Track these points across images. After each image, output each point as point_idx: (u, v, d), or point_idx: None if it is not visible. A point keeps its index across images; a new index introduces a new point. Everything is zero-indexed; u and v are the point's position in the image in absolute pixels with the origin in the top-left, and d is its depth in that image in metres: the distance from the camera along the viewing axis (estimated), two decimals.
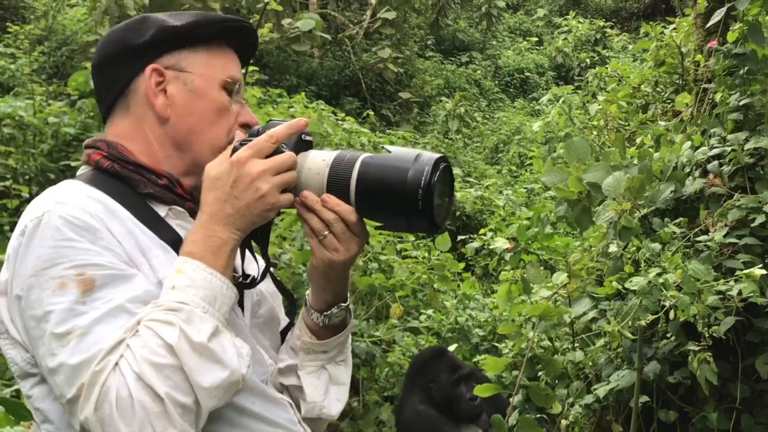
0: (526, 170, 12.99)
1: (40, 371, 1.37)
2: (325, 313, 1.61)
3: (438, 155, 1.42)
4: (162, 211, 1.49)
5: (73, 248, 1.33)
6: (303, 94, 9.63)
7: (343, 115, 9.21)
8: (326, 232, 1.45)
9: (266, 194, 1.39)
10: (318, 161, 1.44)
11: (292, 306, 1.65)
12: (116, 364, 1.26)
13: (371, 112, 13.13)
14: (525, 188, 11.42)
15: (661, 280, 2.61)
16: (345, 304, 1.62)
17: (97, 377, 1.25)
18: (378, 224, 1.47)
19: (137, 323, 1.29)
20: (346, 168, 1.42)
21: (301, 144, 1.46)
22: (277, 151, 1.41)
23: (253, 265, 1.57)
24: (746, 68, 3.31)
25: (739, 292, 2.62)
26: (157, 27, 1.53)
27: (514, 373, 3.99)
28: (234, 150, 1.41)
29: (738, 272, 2.69)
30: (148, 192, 1.50)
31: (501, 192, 10.99)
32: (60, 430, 1.40)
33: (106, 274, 1.32)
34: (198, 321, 1.30)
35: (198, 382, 1.27)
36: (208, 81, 1.55)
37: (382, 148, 1.50)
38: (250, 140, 1.42)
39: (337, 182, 1.42)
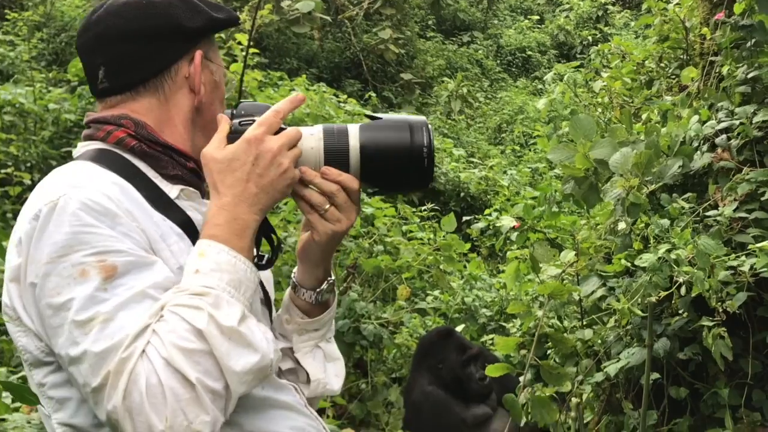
0: (529, 150, 12.94)
1: (58, 360, 1.33)
2: (318, 289, 1.61)
3: (422, 117, 1.53)
4: (173, 192, 1.47)
5: (93, 234, 1.29)
6: (304, 76, 9.59)
7: (345, 97, 9.18)
8: (327, 206, 1.45)
9: (287, 169, 1.39)
10: (307, 136, 1.46)
11: (267, 298, 1.63)
12: (143, 350, 1.23)
13: (373, 94, 13.08)
14: (529, 168, 11.39)
15: (673, 256, 2.58)
16: (332, 279, 1.64)
17: (124, 364, 1.22)
18: (375, 189, 1.55)
19: (161, 309, 1.27)
20: (340, 138, 1.46)
21: None
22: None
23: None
24: (754, 40, 3.26)
25: (751, 267, 2.60)
26: (208, 16, 1.53)
27: (522, 352, 3.97)
28: (235, 131, 1.41)
29: (750, 246, 2.66)
30: (175, 174, 1.47)
31: (505, 172, 10.95)
32: (75, 418, 1.36)
33: (128, 261, 1.29)
34: (226, 305, 1.28)
35: (230, 366, 1.25)
36: (221, 72, 1.58)
37: (366, 116, 1.55)
38: (252, 119, 1.42)
39: (334, 153, 1.45)
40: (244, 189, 1.36)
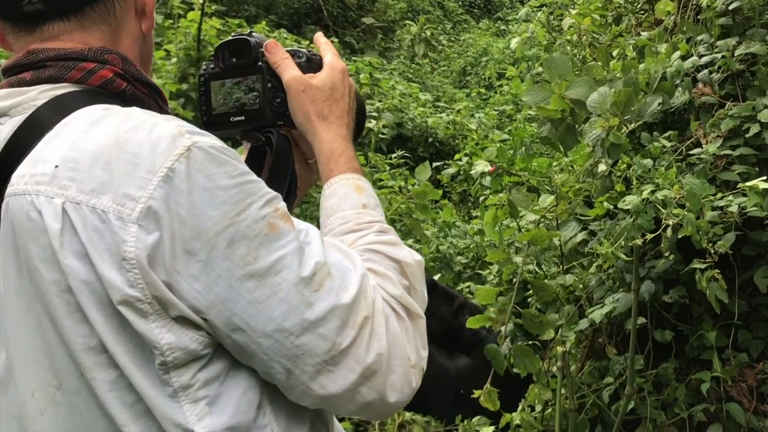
0: (495, 92, 12.79)
1: (247, 343, 1.08)
2: None
3: None
4: None
5: (253, 182, 1.10)
6: (264, 23, 9.32)
7: (306, 44, 8.93)
8: (313, 158, 1.39)
9: None
10: None
11: None
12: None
13: (335, 40, 12.79)
14: (496, 110, 11.25)
15: (661, 197, 2.48)
16: None
17: (374, 307, 1.12)
18: None
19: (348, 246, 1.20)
20: None
21: None
22: None
23: None
24: None
25: (740, 206, 2.50)
26: None
27: (501, 299, 3.89)
28: (308, 59, 1.33)
29: (740, 185, 2.57)
30: None
31: (473, 115, 10.81)
32: (237, 416, 1.10)
33: (284, 204, 1.14)
34: (399, 241, 1.25)
35: (425, 300, 1.23)
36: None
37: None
38: (311, 52, 1.35)
39: None
40: (349, 121, 1.31)
